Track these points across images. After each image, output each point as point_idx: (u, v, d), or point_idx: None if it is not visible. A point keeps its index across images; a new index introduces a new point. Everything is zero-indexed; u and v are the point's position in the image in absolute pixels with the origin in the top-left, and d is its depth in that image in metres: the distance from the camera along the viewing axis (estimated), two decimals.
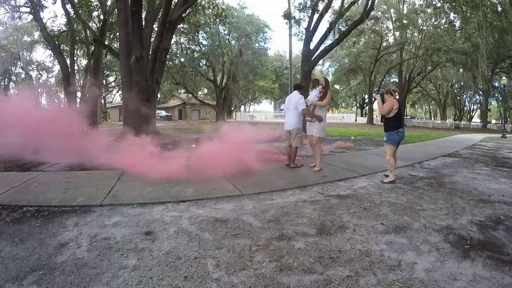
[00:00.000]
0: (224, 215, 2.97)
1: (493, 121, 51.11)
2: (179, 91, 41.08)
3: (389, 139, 4.49)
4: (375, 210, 3.18)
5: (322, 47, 13.48)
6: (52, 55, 19.28)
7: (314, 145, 5.19)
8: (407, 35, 28.55)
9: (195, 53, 28.14)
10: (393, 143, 4.48)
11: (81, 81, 17.38)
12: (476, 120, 44.41)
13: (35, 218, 2.83)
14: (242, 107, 51.75)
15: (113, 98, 47.27)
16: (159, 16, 11.18)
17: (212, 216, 2.95)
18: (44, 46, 23.01)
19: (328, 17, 17.46)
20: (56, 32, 16.99)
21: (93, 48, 15.50)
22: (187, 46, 26.18)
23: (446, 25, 24.05)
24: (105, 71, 31.43)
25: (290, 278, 1.88)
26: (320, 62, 28.73)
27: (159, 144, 7.51)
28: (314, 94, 5.15)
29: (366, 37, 30.40)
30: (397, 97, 4.64)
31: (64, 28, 17.01)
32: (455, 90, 38.15)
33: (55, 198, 3.37)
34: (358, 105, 48.79)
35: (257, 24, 31.61)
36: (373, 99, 30.52)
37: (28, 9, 15.03)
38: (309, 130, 5.21)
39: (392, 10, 28.88)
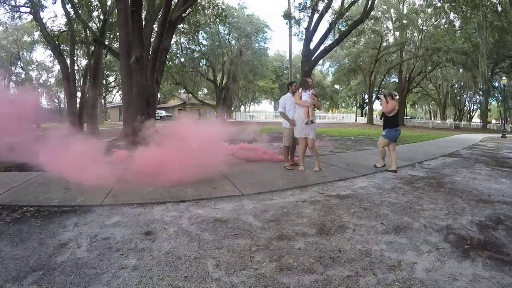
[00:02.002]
0: (224, 215, 2.97)
1: (493, 121, 51.06)
2: (179, 91, 41.07)
3: (388, 135, 5.32)
4: (375, 210, 3.18)
5: (322, 47, 13.50)
6: (52, 55, 19.27)
7: (311, 148, 5.13)
8: (407, 35, 28.54)
9: (195, 53, 28.14)
10: (390, 139, 5.34)
11: (81, 81, 17.35)
12: (476, 120, 44.37)
13: (35, 218, 2.83)
14: (242, 107, 51.76)
15: (113, 98, 47.31)
16: (159, 16, 11.19)
17: (212, 216, 2.95)
18: (44, 46, 22.98)
19: (328, 17, 17.50)
20: (56, 32, 16.97)
21: (93, 48, 15.50)
22: (187, 46, 26.19)
23: (446, 25, 24.07)
24: (105, 71, 31.43)
25: (290, 278, 1.88)
26: (320, 62, 28.72)
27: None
28: (309, 95, 5.12)
29: (366, 37, 30.37)
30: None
31: (64, 28, 16.99)
32: (455, 90, 38.11)
33: (55, 198, 3.37)
34: (358, 105, 48.78)
35: (257, 24, 31.59)
36: (377, 98, 30.85)
37: (28, 9, 15.02)
38: (305, 132, 5.04)
39: (392, 10, 28.87)
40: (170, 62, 24.01)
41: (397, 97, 5.65)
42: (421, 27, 26.96)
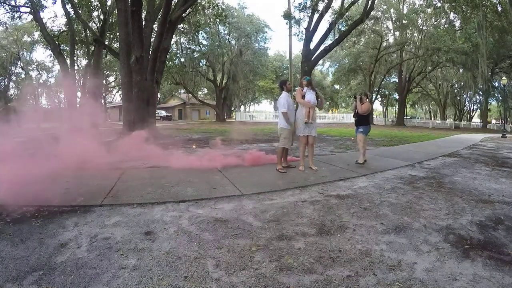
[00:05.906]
0: (224, 215, 2.97)
1: (493, 121, 51.06)
2: (179, 91, 41.09)
3: (365, 131, 5.97)
4: (375, 210, 3.18)
5: (322, 47, 13.50)
6: (52, 55, 19.27)
7: (311, 145, 5.23)
8: (407, 35, 28.57)
9: (195, 53, 28.17)
10: (367, 134, 6.01)
11: (81, 81, 17.37)
12: (476, 120, 44.37)
13: (35, 218, 2.83)
14: (242, 107, 51.77)
15: (113, 98, 47.32)
16: (159, 16, 11.19)
17: (212, 216, 2.95)
18: (44, 46, 22.99)
19: (328, 17, 17.53)
20: (56, 32, 17.00)
21: (93, 48, 15.51)
22: (187, 46, 26.22)
23: (446, 25, 24.08)
24: (105, 71, 31.42)
25: (290, 278, 1.88)
26: (320, 62, 28.72)
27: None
28: (312, 96, 5.12)
29: (366, 37, 30.41)
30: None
31: (64, 28, 17.02)
32: (455, 90, 38.11)
33: (55, 198, 3.37)
34: None
35: (257, 24, 31.63)
36: (353, 99, 31.06)
37: (28, 9, 15.05)
38: (308, 130, 5.09)
39: (392, 10, 28.89)
40: (170, 62, 24.02)
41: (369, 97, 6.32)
42: (421, 27, 26.99)
